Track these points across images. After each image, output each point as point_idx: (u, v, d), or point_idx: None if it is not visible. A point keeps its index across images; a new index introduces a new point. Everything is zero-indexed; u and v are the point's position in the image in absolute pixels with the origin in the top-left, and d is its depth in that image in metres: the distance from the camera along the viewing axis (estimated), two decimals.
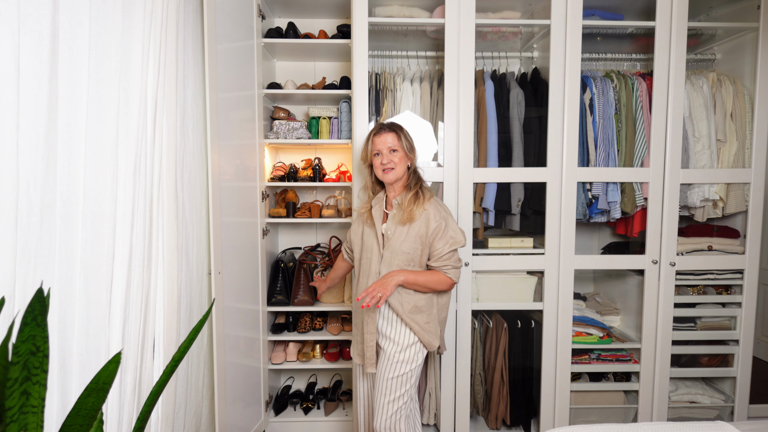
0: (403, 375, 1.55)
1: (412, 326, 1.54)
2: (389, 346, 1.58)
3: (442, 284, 1.55)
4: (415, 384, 1.61)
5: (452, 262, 1.55)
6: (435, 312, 1.60)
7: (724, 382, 2.17)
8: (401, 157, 1.57)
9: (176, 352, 0.83)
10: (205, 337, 1.75)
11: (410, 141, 1.61)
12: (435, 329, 1.58)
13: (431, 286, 1.54)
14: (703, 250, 2.04)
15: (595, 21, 1.99)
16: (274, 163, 2.43)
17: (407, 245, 1.53)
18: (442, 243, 1.53)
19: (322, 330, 2.32)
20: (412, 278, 1.51)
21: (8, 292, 0.86)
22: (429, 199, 1.57)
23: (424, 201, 1.55)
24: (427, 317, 1.57)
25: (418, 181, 1.61)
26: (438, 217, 1.52)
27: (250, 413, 2.00)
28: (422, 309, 1.56)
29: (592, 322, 2.10)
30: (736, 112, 2.04)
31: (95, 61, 1.09)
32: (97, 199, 1.10)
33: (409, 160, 1.61)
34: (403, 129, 1.61)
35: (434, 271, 1.55)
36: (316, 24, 2.43)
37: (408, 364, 1.56)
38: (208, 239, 1.72)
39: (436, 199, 1.60)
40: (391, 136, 1.58)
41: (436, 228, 1.52)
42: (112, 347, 1.14)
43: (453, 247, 1.53)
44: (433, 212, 1.53)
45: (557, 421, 2.03)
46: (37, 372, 0.69)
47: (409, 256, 1.54)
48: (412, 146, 1.61)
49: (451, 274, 1.55)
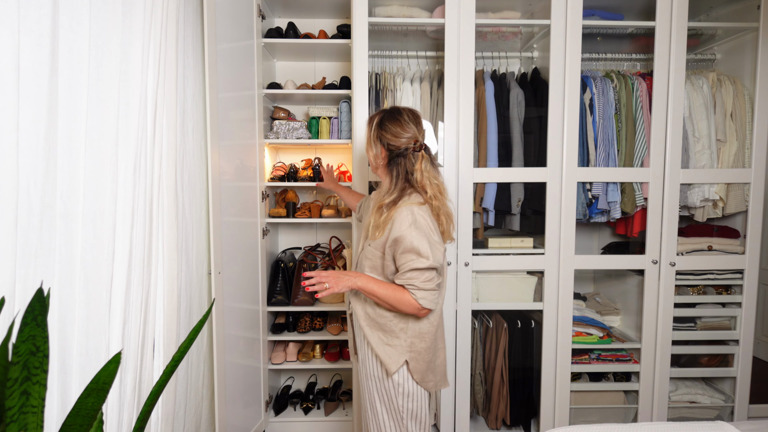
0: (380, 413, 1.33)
1: (369, 339, 1.33)
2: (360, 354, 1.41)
3: (405, 305, 1.25)
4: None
5: (419, 282, 1.24)
6: (404, 338, 1.31)
7: (724, 382, 2.17)
8: (367, 148, 1.39)
9: (176, 352, 0.83)
10: (205, 337, 1.75)
11: (375, 134, 1.35)
12: (397, 358, 1.30)
13: (391, 302, 1.26)
14: (703, 250, 2.04)
15: (595, 21, 1.99)
16: (274, 163, 2.43)
17: (370, 250, 1.32)
18: (403, 258, 1.25)
19: (322, 330, 2.32)
20: (370, 287, 1.27)
21: (8, 292, 0.86)
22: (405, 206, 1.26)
23: (393, 210, 1.27)
24: (388, 339, 1.31)
25: (407, 186, 1.31)
26: (405, 225, 1.23)
27: (250, 413, 2.00)
28: (384, 328, 1.32)
29: (592, 322, 2.10)
30: (736, 112, 2.04)
31: (95, 61, 1.09)
32: (97, 199, 1.10)
33: (369, 156, 1.39)
34: (373, 119, 1.37)
35: (399, 287, 1.27)
36: (316, 24, 2.43)
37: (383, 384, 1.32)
38: (208, 239, 1.72)
39: (417, 207, 1.27)
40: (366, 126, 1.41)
41: (397, 239, 1.24)
42: (112, 347, 1.14)
43: (413, 266, 1.23)
44: (401, 219, 1.24)
45: (557, 421, 2.03)
46: (37, 372, 0.69)
47: (371, 263, 1.32)
48: (375, 141, 1.35)
49: (417, 296, 1.24)
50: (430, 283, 1.25)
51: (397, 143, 1.31)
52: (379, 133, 1.33)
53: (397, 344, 1.31)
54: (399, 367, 1.30)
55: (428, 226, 1.26)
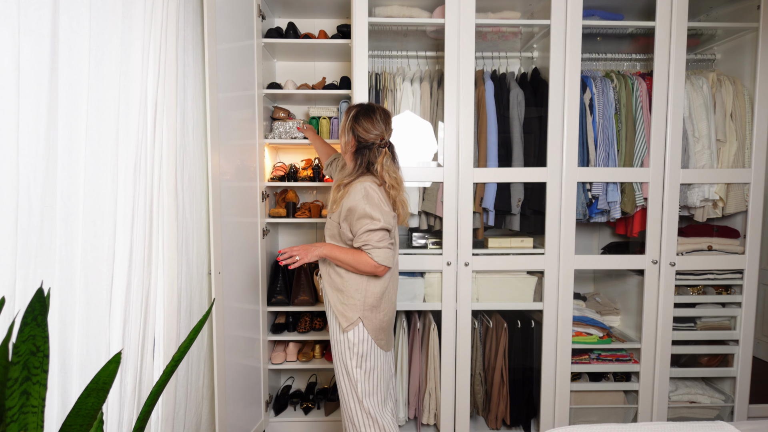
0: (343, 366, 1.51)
1: (330, 300, 1.53)
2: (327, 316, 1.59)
3: (364, 265, 1.43)
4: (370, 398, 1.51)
5: (373, 242, 1.42)
6: (359, 298, 1.49)
7: (723, 382, 2.17)
8: (341, 136, 1.56)
9: (176, 352, 0.83)
10: (205, 337, 1.75)
11: (348, 124, 1.51)
12: (350, 313, 1.48)
13: (353, 264, 1.44)
14: (703, 250, 2.04)
15: (595, 21, 1.99)
16: (274, 163, 2.43)
17: (329, 222, 1.53)
18: (358, 224, 1.42)
19: (322, 330, 2.32)
20: (335, 253, 1.46)
21: (8, 292, 0.86)
22: (358, 182, 1.45)
23: (349, 185, 1.46)
24: (344, 299, 1.50)
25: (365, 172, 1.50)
26: (358, 198, 1.42)
27: (250, 413, 2.00)
28: (340, 289, 1.50)
29: (592, 322, 2.10)
30: (736, 112, 2.04)
31: (95, 61, 1.09)
32: (97, 199, 1.10)
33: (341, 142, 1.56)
34: (350, 111, 1.53)
35: (357, 250, 1.45)
36: (316, 24, 2.43)
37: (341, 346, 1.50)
38: (208, 239, 1.72)
39: (370, 184, 1.45)
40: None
41: (350, 209, 1.42)
42: (112, 347, 1.14)
43: (371, 226, 1.41)
44: (354, 192, 1.43)
45: (557, 421, 2.03)
46: (37, 372, 0.69)
47: (330, 232, 1.53)
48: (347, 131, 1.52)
49: (373, 255, 1.41)
50: (383, 242, 1.43)
51: (366, 137, 1.49)
52: (352, 125, 1.51)
53: (352, 303, 1.49)
54: (351, 322, 1.48)
55: (379, 198, 1.44)
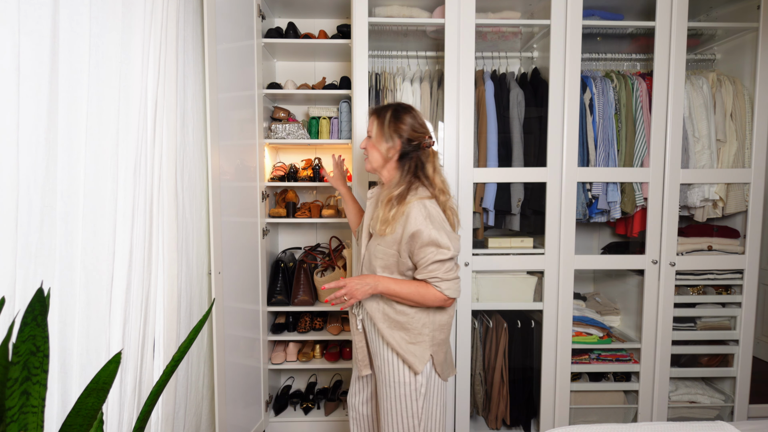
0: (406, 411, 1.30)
1: (390, 343, 1.30)
2: (378, 360, 1.35)
3: (431, 299, 1.27)
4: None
5: (441, 274, 1.25)
6: (427, 333, 1.31)
7: (724, 382, 2.17)
8: (372, 144, 1.35)
9: (176, 352, 0.83)
10: (205, 337, 1.75)
11: (391, 127, 1.31)
12: (422, 353, 1.30)
13: (416, 300, 1.27)
14: (703, 250, 2.04)
15: (595, 21, 1.99)
16: (274, 163, 2.43)
17: (380, 249, 1.29)
18: (423, 252, 1.25)
19: (322, 330, 2.32)
20: (392, 289, 1.27)
21: (8, 292, 0.86)
22: (416, 200, 1.27)
23: (405, 204, 1.26)
24: (411, 337, 1.30)
25: (414, 180, 1.31)
26: (420, 220, 1.23)
27: (250, 413, 2.00)
28: (405, 326, 1.30)
29: (592, 322, 2.10)
30: (736, 112, 2.04)
31: (95, 61, 1.09)
32: (98, 199, 1.10)
33: (379, 150, 1.33)
34: (385, 112, 1.34)
35: (421, 282, 1.28)
36: (316, 24, 2.43)
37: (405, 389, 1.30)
38: (208, 239, 1.72)
39: (429, 201, 1.28)
40: (371, 119, 1.36)
41: (414, 234, 1.23)
42: (112, 347, 1.14)
43: (435, 258, 1.24)
44: (415, 215, 1.24)
45: (557, 421, 2.03)
46: (37, 372, 0.69)
47: (382, 262, 1.30)
48: (391, 133, 1.31)
49: (441, 287, 1.25)
50: (451, 273, 1.27)
51: (415, 136, 1.31)
52: (395, 126, 1.31)
53: (422, 340, 1.30)
54: (425, 363, 1.30)
55: (441, 217, 1.28)
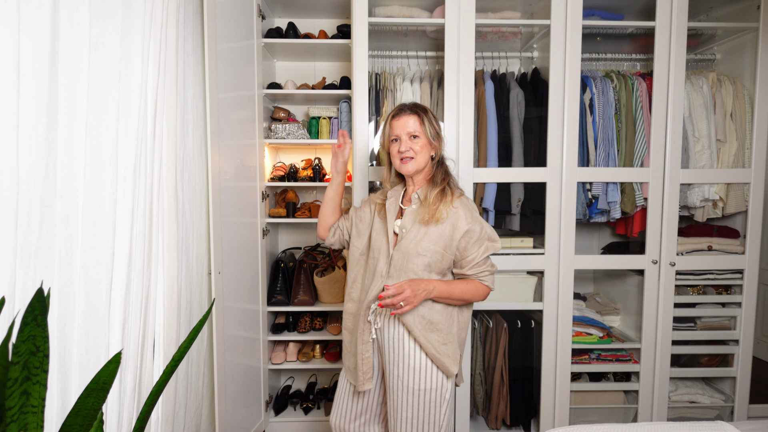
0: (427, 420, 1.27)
1: (425, 347, 1.27)
2: (399, 369, 1.29)
3: (479, 294, 1.31)
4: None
5: (488, 267, 1.32)
6: (455, 332, 1.33)
7: (724, 382, 2.17)
8: (423, 144, 1.31)
9: (176, 352, 0.83)
10: (205, 337, 1.75)
11: (436, 126, 1.34)
12: (454, 353, 1.30)
13: (467, 297, 1.29)
14: (703, 250, 2.04)
15: (595, 21, 1.99)
16: (274, 163, 2.43)
17: (423, 246, 1.26)
18: (476, 248, 1.28)
19: (322, 330, 2.32)
20: (446, 290, 1.26)
21: (8, 292, 0.86)
22: (459, 197, 1.32)
23: (453, 199, 1.30)
24: (443, 337, 1.29)
25: (446, 175, 1.36)
26: (470, 218, 1.28)
27: (250, 413, 2.00)
28: (438, 327, 1.28)
29: (592, 322, 2.10)
30: (736, 112, 2.04)
31: (95, 61, 1.09)
32: (97, 199, 1.10)
33: (434, 150, 1.35)
34: (428, 111, 1.35)
35: (469, 279, 1.31)
36: (316, 24, 2.43)
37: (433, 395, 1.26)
38: (208, 239, 1.72)
39: (467, 198, 1.36)
40: (413, 119, 1.31)
41: (468, 231, 1.26)
42: (112, 347, 1.14)
43: (489, 252, 1.30)
44: (464, 212, 1.28)
45: (557, 421, 2.03)
46: (37, 372, 0.69)
47: (425, 260, 1.26)
48: (438, 133, 1.35)
49: (488, 282, 1.31)
50: (493, 266, 1.34)
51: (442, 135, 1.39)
52: (438, 125, 1.36)
53: (451, 340, 1.31)
54: (458, 363, 1.31)
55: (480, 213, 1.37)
